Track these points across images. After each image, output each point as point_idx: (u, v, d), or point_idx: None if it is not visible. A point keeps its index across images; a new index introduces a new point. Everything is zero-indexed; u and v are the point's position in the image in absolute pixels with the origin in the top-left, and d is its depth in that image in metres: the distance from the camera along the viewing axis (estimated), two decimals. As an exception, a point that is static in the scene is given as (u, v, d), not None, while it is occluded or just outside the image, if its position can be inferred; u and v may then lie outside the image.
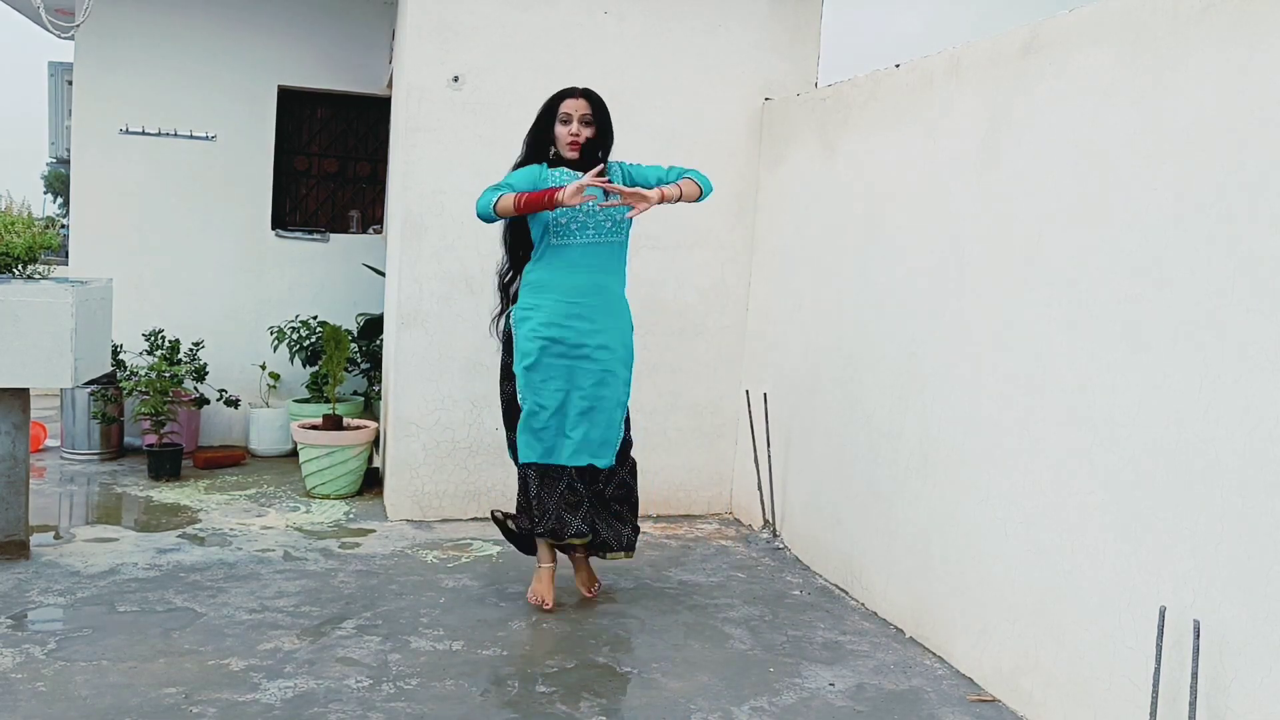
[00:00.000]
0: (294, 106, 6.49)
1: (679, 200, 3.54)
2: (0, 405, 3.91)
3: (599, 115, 3.59)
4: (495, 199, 3.45)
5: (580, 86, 3.66)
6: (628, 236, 3.68)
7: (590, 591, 3.87)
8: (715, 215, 5.04)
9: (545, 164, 3.61)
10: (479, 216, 3.52)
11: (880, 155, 3.96)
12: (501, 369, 3.77)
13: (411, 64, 4.67)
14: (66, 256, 6.46)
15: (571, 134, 3.55)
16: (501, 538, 4.69)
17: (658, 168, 3.72)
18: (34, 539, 4.17)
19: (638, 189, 3.45)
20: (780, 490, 4.69)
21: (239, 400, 6.06)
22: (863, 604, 3.94)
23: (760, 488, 4.78)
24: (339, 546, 4.38)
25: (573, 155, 3.57)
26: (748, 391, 4.96)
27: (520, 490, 3.74)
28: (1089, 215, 2.85)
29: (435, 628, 3.51)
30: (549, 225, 3.56)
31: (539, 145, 3.64)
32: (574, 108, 3.56)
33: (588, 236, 3.57)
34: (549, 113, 3.61)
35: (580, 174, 3.53)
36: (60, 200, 27.52)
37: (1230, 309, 2.39)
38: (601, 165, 3.50)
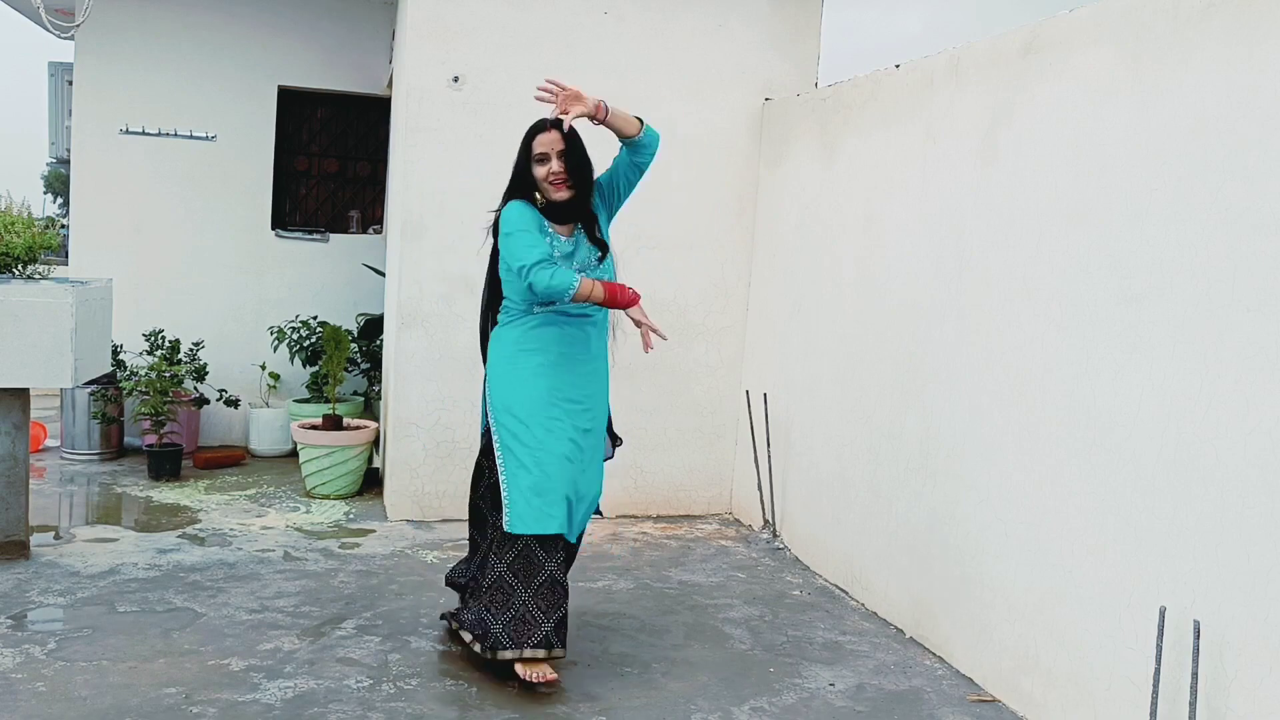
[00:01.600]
0: (294, 106, 6.49)
1: (618, 123, 3.17)
2: (0, 405, 3.91)
3: (573, 147, 3.21)
4: (575, 285, 3.02)
5: (548, 118, 3.25)
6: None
7: None
8: (715, 215, 5.04)
9: (539, 214, 3.21)
10: (551, 291, 3.04)
11: (880, 155, 3.96)
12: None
13: (411, 64, 4.67)
14: (66, 256, 6.46)
15: (553, 172, 3.17)
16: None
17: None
18: (34, 539, 4.17)
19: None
20: (780, 490, 4.69)
21: (239, 400, 6.06)
22: (863, 604, 3.94)
23: (760, 488, 4.78)
24: (339, 546, 4.38)
25: (561, 196, 3.19)
26: (748, 391, 4.96)
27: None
28: (1089, 215, 2.85)
29: (435, 628, 3.51)
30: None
31: (522, 183, 3.25)
32: (547, 144, 3.19)
33: None
34: (525, 152, 3.23)
35: (573, 229, 3.23)
36: (60, 200, 27.53)
37: (1230, 309, 2.39)
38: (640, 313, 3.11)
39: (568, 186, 3.19)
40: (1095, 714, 2.75)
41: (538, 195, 3.23)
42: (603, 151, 3.36)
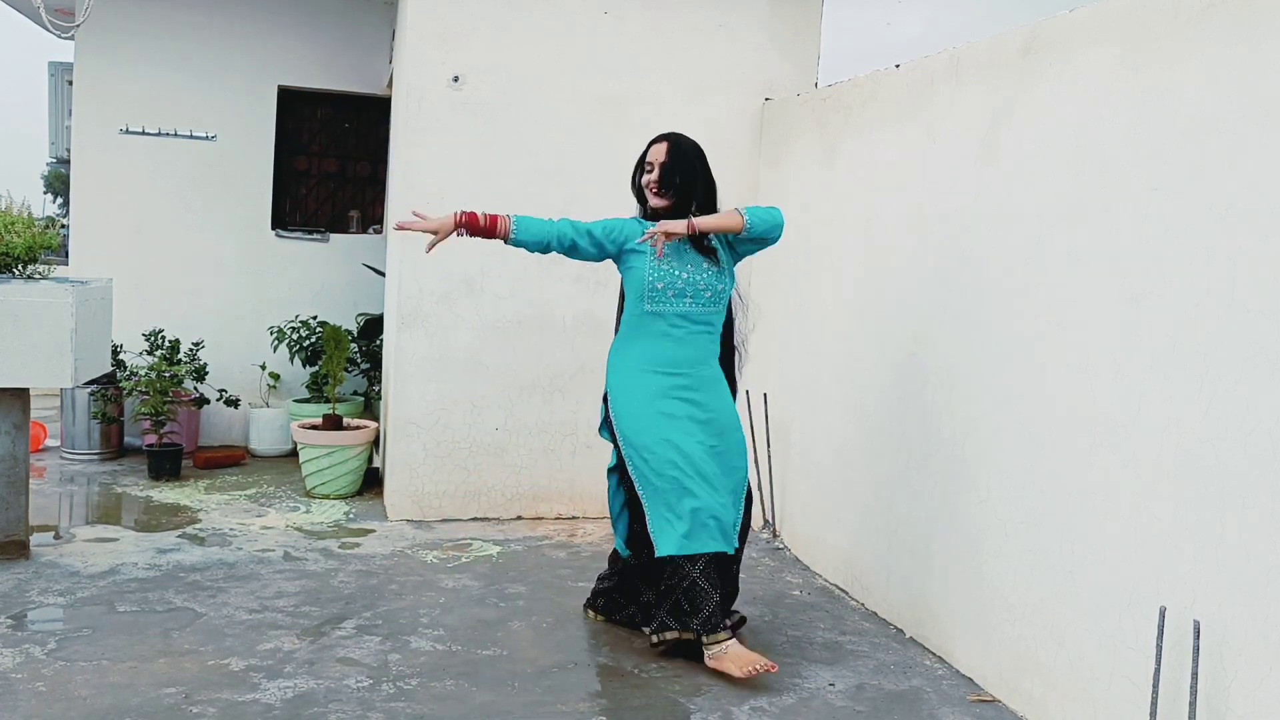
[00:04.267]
0: (294, 106, 6.49)
1: (714, 230, 3.26)
2: (0, 405, 3.90)
3: (680, 162, 3.37)
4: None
5: (668, 133, 3.48)
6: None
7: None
8: (715, 215, 5.04)
9: (640, 222, 3.41)
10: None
11: (880, 155, 3.96)
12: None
13: (411, 64, 4.67)
14: (66, 256, 6.46)
15: (651, 180, 3.39)
16: (501, 538, 4.70)
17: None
18: (34, 539, 4.17)
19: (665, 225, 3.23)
20: (780, 490, 4.69)
21: (239, 400, 6.06)
22: (863, 604, 3.94)
23: (760, 488, 4.78)
24: (339, 546, 4.38)
25: (656, 203, 3.37)
26: (748, 391, 4.96)
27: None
28: (1089, 215, 2.85)
29: (435, 628, 3.51)
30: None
31: (635, 190, 3.49)
32: (654, 155, 3.41)
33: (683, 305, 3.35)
34: (639, 164, 3.47)
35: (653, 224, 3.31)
36: (60, 200, 27.52)
37: (1230, 309, 2.39)
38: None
39: (662, 196, 3.36)
40: (1095, 714, 2.75)
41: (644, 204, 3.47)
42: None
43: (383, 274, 5.93)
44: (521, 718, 2.88)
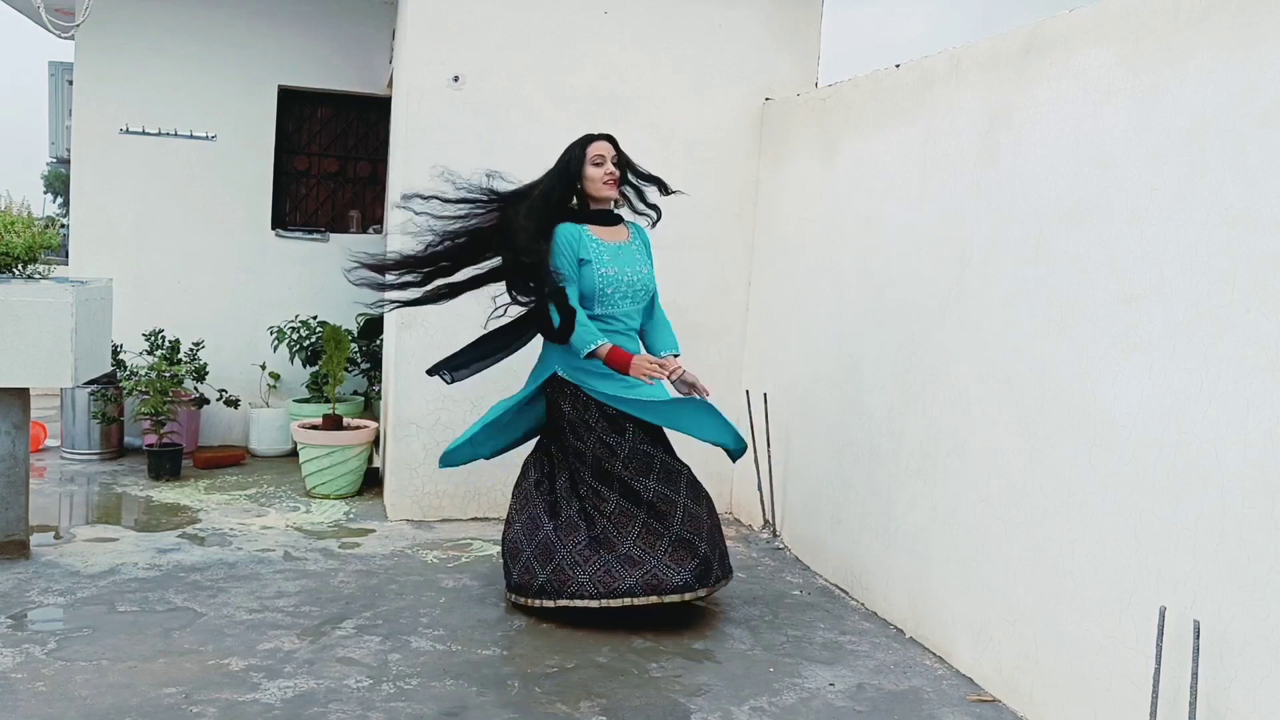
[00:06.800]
0: (294, 106, 6.49)
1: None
2: (0, 405, 3.91)
3: (623, 156, 3.75)
4: (593, 347, 3.62)
5: (602, 133, 3.80)
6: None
7: None
8: (715, 216, 5.04)
9: (576, 223, 3.70)
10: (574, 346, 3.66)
11: (880, 155, 3.96)
12: None
13: (411, 64, 4.67)
14: (66, 256, 6.46)
15: (608, 173, 3.68)
16: (499, 537, 4.70)
17: (651, 277, 3.88)
18: (34, 539, 4.17)
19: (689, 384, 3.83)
20: (780, 490, 4.69)
21: (239, 400, 6.06)
22: (863, 604, 3.94)
23: (760, 488, 4.78)
24: (339, 546, 4.38)
25: (611, 193, 3.71)
26: (748, 391, 4.96)
27: None
28: (1089, 215, 2.85)
29: (435, 628, 3.51)
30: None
31: (559, 190, 3.72)
32: (606, 150, 3.70)
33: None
34: (579, 158, 3.70)
35: (606, 220, 3.77)
36: (60, 200, 27.51)
37: (1230, 309, 2.39)
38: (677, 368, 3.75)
39: (618, 186, 3.73)
40: (1095, 714, 2.75)
41: (575, 203, 3.76)
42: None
43: (383, 274, 5.93)
44: (522, 718, 2.88)
